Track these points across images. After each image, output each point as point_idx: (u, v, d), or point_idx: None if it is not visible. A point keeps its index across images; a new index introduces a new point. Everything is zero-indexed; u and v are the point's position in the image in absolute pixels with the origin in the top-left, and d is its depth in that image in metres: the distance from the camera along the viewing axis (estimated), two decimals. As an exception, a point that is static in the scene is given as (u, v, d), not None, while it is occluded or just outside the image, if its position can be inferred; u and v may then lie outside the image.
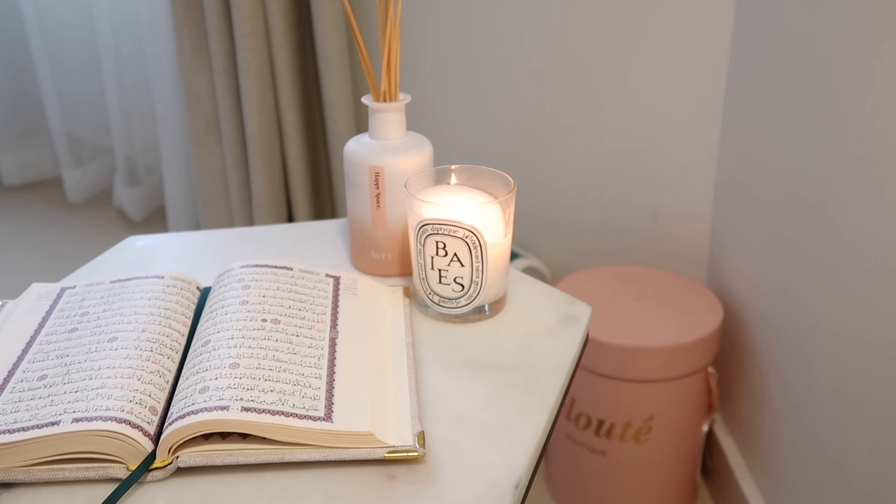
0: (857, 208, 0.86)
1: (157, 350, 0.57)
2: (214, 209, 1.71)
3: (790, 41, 1.02)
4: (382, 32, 0.69)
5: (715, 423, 1.30)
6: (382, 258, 0.73)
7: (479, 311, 0.66)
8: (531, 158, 1.46)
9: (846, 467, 0.91)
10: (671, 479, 1.25)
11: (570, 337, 0.64)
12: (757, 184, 1.14)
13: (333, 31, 1.48)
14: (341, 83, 1.52)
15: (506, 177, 0.66)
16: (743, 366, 1.22)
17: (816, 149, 0.95)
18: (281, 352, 0.56)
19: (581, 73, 1.37)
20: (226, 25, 1.52)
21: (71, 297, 0.65)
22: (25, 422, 0.50)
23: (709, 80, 1.26)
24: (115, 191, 2.14)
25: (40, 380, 0.54)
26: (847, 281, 0.89)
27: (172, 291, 0.64)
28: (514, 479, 0.50)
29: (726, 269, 1.28)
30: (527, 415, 0.55)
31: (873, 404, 0.85)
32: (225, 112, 1.58)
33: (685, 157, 1.33)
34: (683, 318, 1.18)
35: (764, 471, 1.16)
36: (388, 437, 0.51)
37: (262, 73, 1.52)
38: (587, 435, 1.21)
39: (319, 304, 0.63)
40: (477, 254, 0.63)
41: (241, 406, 0.50)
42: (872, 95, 0.82)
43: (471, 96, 1.50)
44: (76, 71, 2.10)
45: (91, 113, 2.14)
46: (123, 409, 0.50)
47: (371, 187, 0.70)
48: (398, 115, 0.71)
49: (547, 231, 1.49)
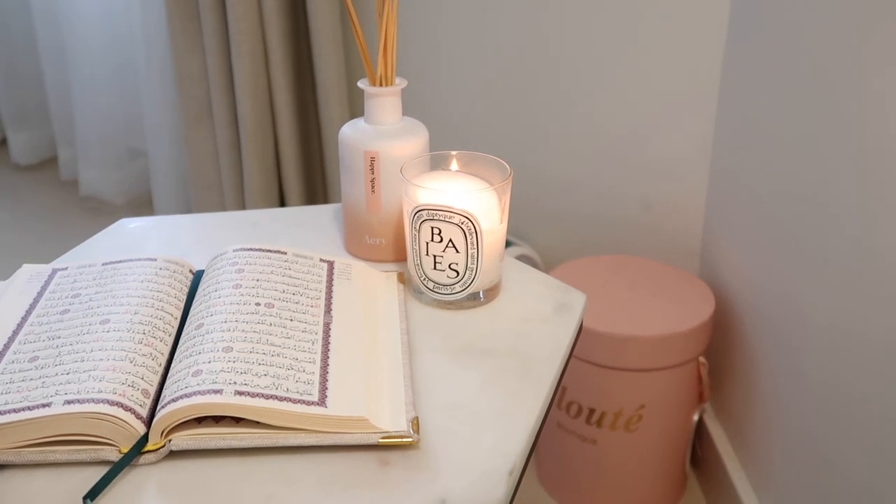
0: (850, 200, 0.86)
1: (150, 333, 0.56)
2: (206, 193, 1.70)
3: (786, 31, 1.01)
4: (380, 16, 0.68)
5: (705, 413, 1.30)
6: (377, 244, 0.72)
7: (474, 297, 0.66)
8: (525, 146, 1.46)
9: (835, 457, 0.92)
10: (661, 468, 1.25)
11: (564, 324, 0.64)
12: (750, 175, 1.14)
13: (328, 15, 1.47)
14: (335, 67, 1.51)
15: (502, 163, 0.66)
16: (734, 356, 1.22)
17: (810, 141, 0.95)
18: (275, 336, 0.56)
19: (576, 61, 1.36)
20: (219, 7, 1.51)
21: (63, 278, 0.64)
22: (16, 403, 0.49)
23: (704, 70, 1.26)
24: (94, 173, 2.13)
25: (31, 361, 0.54)
26: (838, 272, 0.89)
27: (165, 274, 0.63)
28: (509, 466, 0.50)
29: (719, 259, 1.28)
30: (521, 401, 0.55)
31: (863, 395, 0.85)
32: (217, 95, 1.57)
33: (679, 148, 1.33)
34: (675, 307, 1.18)
35: (753, 460, 1.16)
36: (382, 422, 0.51)
37: (255, 56, 1.51)
38: (578, 423, 1.21)
39: (313, 288, 0.63)
40: (472, 240, 0.63)
41: (234, 390, 0.50)
42: (867, 87, 0.82)
43: (467, 82, 1.49)
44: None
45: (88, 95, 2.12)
46: (115, 392, 0.50)
47: (366, 172, 0.70)
48: (394, 100, 0.70)
49: (540, 219, 1.49)
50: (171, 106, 1.75)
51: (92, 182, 2.11)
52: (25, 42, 2.21)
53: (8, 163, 2.37)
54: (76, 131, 2.10)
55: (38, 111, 2.30)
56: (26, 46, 2.21)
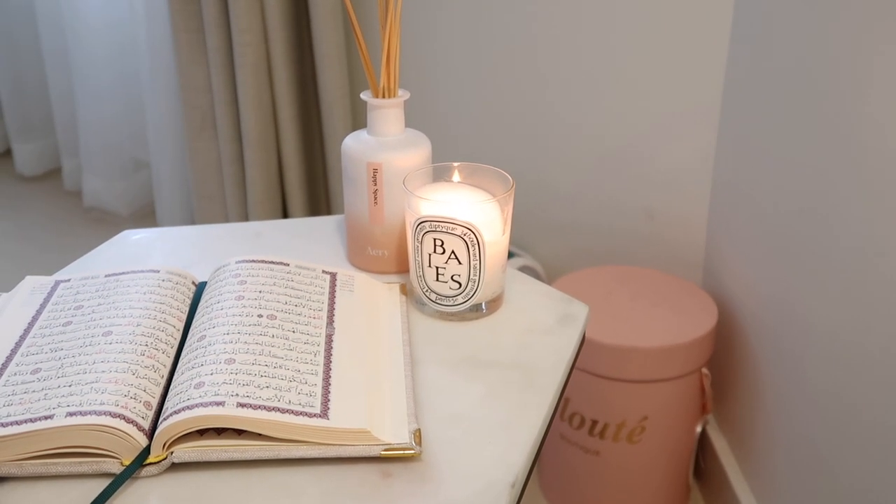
0: (853, 211, 0.86)
1: (152, 345, 0.56)
2: (209, 204, 1.70)
3: (788, 43, 1.02)
4: (382, 27, 0.68)
5: (708, 425, 1.30)
6: (379, 255, 0.72)
7: (476, 309, 0.66)
8: (528, 157, 1.46)
9: (839, 469, 0.91)
10: (664, 480, 1.25)
11: (567, 336, 0.64)
12: (753, 186, 1.14)
13: (331, 27, 1.48)
14: (338, 79, 1.51)
15: (504, 175, 0.66)
16: (737, 367, 1.22)
17: (812, 152, 0.95)
18: (277, 347, 0.56)
19: (579, 72, 1.37)
20: (223, 20, 1.51)
21: (65, 290, 0.64)
22: (19, 415, 0.49)
23: (706, 81, 1.26)
24: (104, 183, 2.13)
25: (34, 373, 0.54)
26: (841, 283, 0.89)
27: (168, 286, 0.63)
28: (511, 478, 0.50)
29: (721, 270, 1.28)
30: (523, 413, 0.55)
31: (867, 406, 0.85)
32: (221, 107, 1.58)
33: (682, 159, 1.33)
34: (678, 318, 1.18)
35: (757, 472, 1.16)
36: (384, 434, 0.51)
37: (258, 67, 1.52)
38: (581, 435, 1.21)
39: (316, 300, 0.63)
40: (475, 251, 0.63)
41: (236, 402, 0.50)
42: (868, 99, 0.82)
43: (469, 94, 1.49)
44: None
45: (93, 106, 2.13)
46: (118, 404, 0.50)
47: (369, 184, 0.70)
48: (397, 112, 0.70)
49: (543, 230, 1.49)
50: (174, 117, 1.75)
51: (96, 192, 2.12)
52: (31, 53, 2.22)
53: (13, 174, 2.38)
54: (80, 142, 2.11)
55: (43, 122, 2.31)
56: (31, 57, 2.22)
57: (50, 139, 2.34)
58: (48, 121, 2.28)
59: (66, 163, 2.24)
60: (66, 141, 2.22)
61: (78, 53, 1.99)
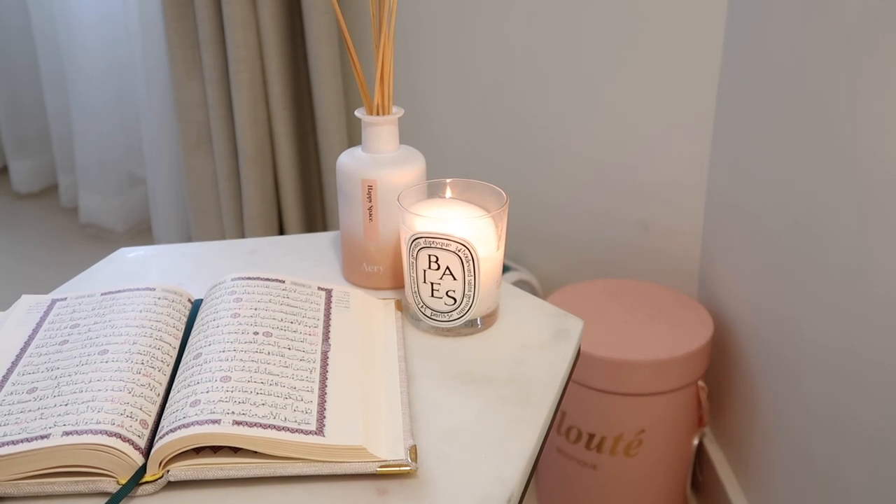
0: (847, 223, 0.87)
1: (148, 363, 0.56)
2: (205, 220, 1.71)
3: (781, 57, 1.02)
4: (376, 45, 0.69)
5: (705, 437, 1.30)
6: (374, 271, 0.73)
7: (472, 324, 0.66)
8: (522, 171, 1.47)
9: (836, 481, 0.91)
10: (661, 493, 1.25)
11: (562, 351, 0.64)
12: (747, 198, 1.15)
13: (326, 44, 1.48)
14: (333, 95, 1.52)
15: (498, 191, 0.66)
16: (733, 380, 1.22)
17: (807, 163, 0.95)
18: (273, 365, 0.56)
19: (572, 86, 1.38)
20: (218, 36, 1.52)
21: (61, 309, 0.65)
22: (15, 435, 0.50)
23: (700, 94, 1.27)
24: (97, 201, 2.14)
25: (30, 392, 0.54)
26: (837, 295, 0.89)
27: (164, 304, 0.64)
28: (507, 493, 0.50)
29: (717, 282, 1.29)
30: (519, 428, 0.55)
31: (863, 418, 0.85)
32: (217, 123, 1.58)
33: (676, 171, 1.33)
34: (674, 331, 1.18)
35: (754, 485, 1.16)
36: (379, 451, 0.51)
37: (254, 84, 1.52)
38: (578, 448, 1.21)
39: (311, 316, 0.63)
40: (469, 267, 0.63)
41: (232, 419, 0.50)
42: (864, 111, 0.83)
43: (462, 110, 1.50)
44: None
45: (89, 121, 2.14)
46: (114, 423, 0.50)
47: (364, 200, 0.70)
48: (391, 129, 0.71)
49: (538, 244, 1.50)
50: (170, 133, 1.76)
51: (92, 209, 2.12)
52: (27, 71, 2.23)
53: (9, 191, 2.38)
54: (76, 158, 2.11)
55: (40, 138, 2.31)
56: (28, 75, 2.23)
57: (46, 156, 2.35)
58: (44, 137, 2.29)
59: (63, 179, 2.25)
60: (62, 157, 2.23)
61: (74, 70, 2.00)
